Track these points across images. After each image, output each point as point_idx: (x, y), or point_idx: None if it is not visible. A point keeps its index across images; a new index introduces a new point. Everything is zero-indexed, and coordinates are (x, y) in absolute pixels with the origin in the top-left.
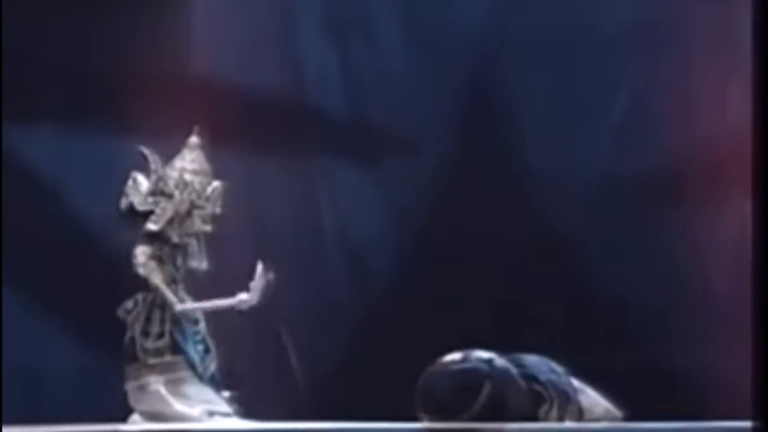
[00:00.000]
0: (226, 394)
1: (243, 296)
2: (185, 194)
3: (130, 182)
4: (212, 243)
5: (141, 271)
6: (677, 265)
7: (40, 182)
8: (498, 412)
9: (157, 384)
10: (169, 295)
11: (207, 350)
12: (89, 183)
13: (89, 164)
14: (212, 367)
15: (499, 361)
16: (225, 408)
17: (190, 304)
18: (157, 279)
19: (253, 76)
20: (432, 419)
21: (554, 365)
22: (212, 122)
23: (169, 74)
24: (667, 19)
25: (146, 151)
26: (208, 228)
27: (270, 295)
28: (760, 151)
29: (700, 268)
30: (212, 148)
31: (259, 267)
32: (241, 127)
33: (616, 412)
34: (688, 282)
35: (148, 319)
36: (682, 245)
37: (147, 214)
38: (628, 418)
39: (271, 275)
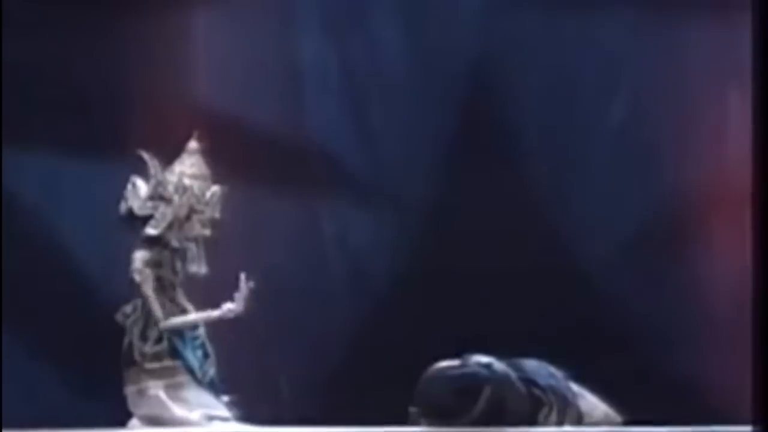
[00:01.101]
0: (225, 398)
1: (230, 306)
2: (184, 198)
3: (129, 187)
4: (212, 249)
5: (136, 277)
6: (678, 275)
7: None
8: (497, 416)
9: (156, 388)
10: (156, 309)
11: (206, 355)
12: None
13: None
14: (211, 371)
15: (499, 365)
16: (224, 412)
17: (175, 320)
18: (148, 289)
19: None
20: (431, 423)
21: (553, 369)
22: (212, 148)
23: (169, 102)
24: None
25: (145, 155)
26: (207, 232)
27: (252, 303)
28: (759, 177)
29: (700, 280)
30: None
31: (242, 277)
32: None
33: (615, 416)
34: (689, 291)
35: (147, 324)
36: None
37: (146, 219)
38: (627, 423)
39: (252, 284)
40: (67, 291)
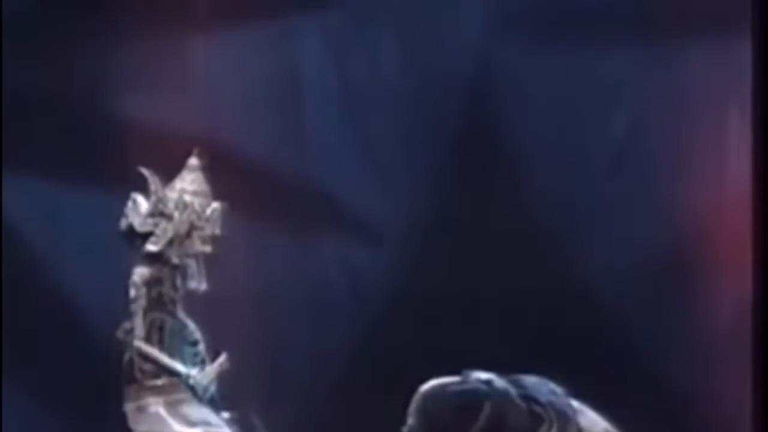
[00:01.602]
0: (226, 415)
1: (193, 372)
2: (185, 215)
3: (129, 203)
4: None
5: (132, 292)
6: (680, 288)
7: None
8: None
9: (156, 405)
10: (139, 329)
11: None
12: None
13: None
14: (211, 388)
15: (499, 381)
16: (224, 429)
17: (150, 348)
18: (138, 307)
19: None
20: None
21: (554, 386)
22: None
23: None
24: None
25: (146, 172)
26: (207, 249)
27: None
28: (760, 198)
29: (702, 293)
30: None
31: (223, 356)
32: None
33: None
34: (691, 307)
35: (147, 341)
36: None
37: (146, 235)
38: None
39: (226, 365)
40: (67, 327)
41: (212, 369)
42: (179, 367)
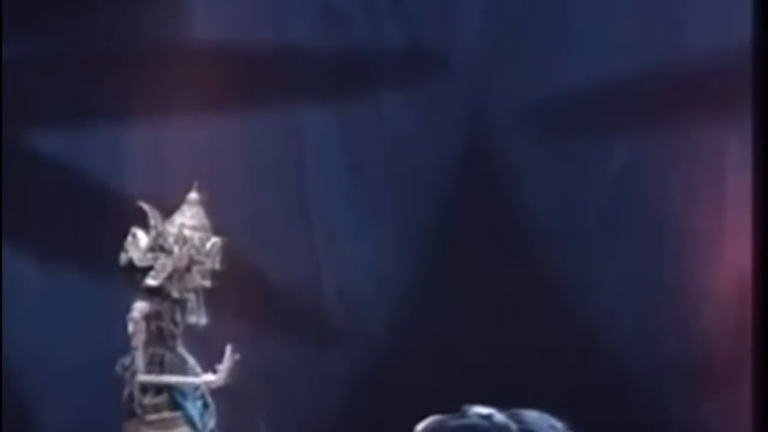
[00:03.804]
0: None
1: (209, 377)
2: (185, 250)
3: (129, 238)
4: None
5: (130, 327)
6: (679, 320)
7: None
8: None
9: None
10: (139, 361)
11: (206, 405)
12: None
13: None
14: (211, 423)
15: (498, 416)
16: None
17: (151, 377)
18: (138, 341)
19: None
20: None
21: (554, 421)
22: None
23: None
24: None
25: (146, 206)
26: (207, 283)
27: (237, 375)
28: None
29: (701, 324)
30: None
31: (228, 349)
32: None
33: None
34: (689, 337)
35: (147, 375)
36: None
37: (146, 270)
38: None
39: (237, 356)
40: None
41: (224, 367)
42: (194, 380)
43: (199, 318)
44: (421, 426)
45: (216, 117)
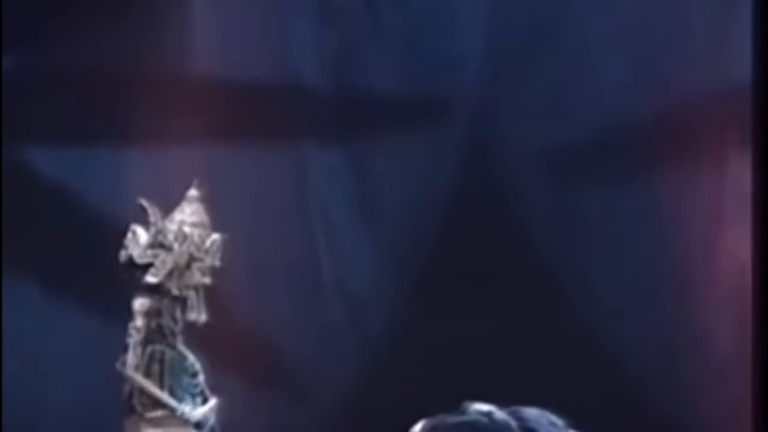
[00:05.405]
0: None
1: (187, 409)
2: (184, 247)
3: (129, 235)
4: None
5: (130, 324)
6: (680, 322)
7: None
8: None
9: None
10: (131, 360)
11: (205, 402)
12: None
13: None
14: (211, 419)
15: (499, 413)
16: None
17: (142, 379)
18: (138, 339)
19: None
20: None
21: (554, 418)
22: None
23: None
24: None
25: (145, 203)
26: (207, 280)
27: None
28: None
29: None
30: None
31: (213, 401)
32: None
33: None
34: (692, 343)
35: (147, 373)
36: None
37: (146, 267)
38: None
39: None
40: None
41: (201, 411)
42: (172, 402)
43: (198, 315)
44: (420, 423)
45: (216, 141)
